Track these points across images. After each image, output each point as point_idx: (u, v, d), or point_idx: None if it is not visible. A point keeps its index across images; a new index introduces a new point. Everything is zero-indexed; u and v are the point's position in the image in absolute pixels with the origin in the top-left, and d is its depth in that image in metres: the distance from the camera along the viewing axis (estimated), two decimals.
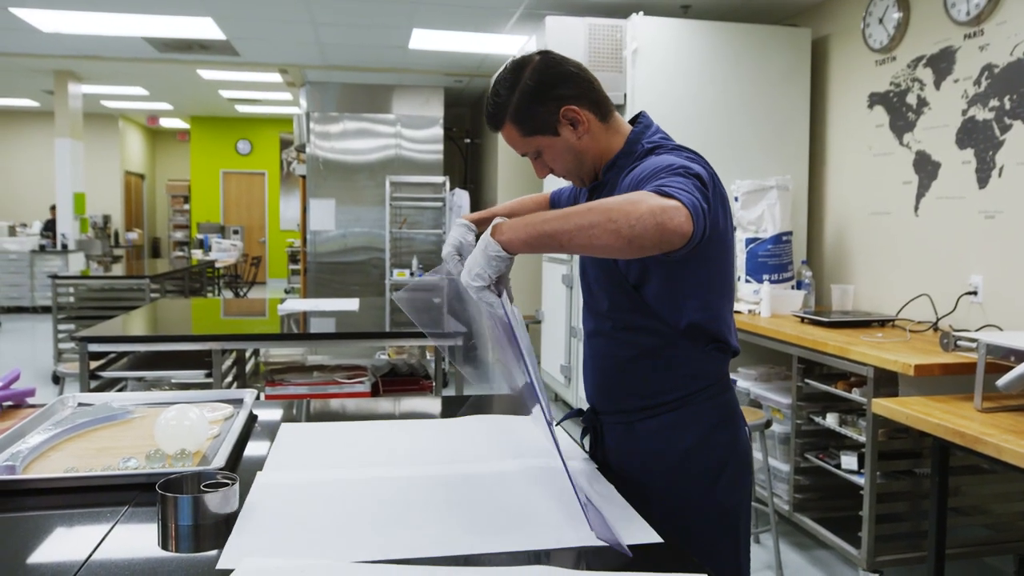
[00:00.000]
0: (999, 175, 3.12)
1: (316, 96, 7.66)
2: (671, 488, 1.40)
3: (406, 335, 3.24)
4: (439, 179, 7.66)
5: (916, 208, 3.56)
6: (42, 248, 10.04)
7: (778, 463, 3.36)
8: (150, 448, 1.42)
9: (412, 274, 6.52)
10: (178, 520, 1.13)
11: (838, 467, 3.00)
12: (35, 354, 7.44)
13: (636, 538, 1.11)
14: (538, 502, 1.25)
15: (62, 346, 5.92)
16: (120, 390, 3.15)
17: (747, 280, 3.80)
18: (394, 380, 3.46)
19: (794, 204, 4.07)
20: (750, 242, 3.81)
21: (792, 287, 3.85)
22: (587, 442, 1.58)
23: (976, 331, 2.83)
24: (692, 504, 1.39)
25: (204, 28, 5.87)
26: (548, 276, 5.21)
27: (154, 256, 14.30)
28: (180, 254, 12.88)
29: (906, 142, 3.63)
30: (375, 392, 3.34)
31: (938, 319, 3.22)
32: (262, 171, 13.92)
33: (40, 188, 12.12)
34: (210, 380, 3.06)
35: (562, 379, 4.88)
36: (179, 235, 14.30)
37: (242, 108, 11.78)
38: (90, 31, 6.08)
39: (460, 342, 2.92)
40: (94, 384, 3.02)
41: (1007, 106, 3.08)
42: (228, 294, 11.13)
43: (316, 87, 7.64)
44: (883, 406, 2.37)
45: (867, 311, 3.71)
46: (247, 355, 3.89)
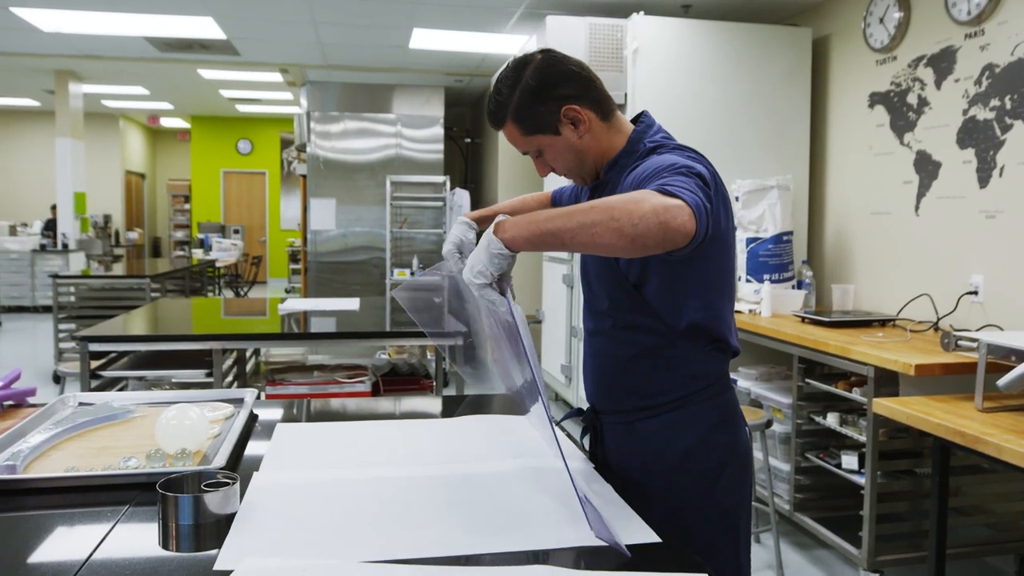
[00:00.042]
0: (1000, 175, 3.12)
1: (317, 96, 7.66)
2: (671, 488, 1.40)
3: (407, 335, 3.24)
4: (439, 179, 7.66)
5: (917, 208, 3.56)
6: (43, 248, 10.05)
7: (779, 463, 3.36)
8: (151, 447, 1.42)
9: (412, 273, 6.52)
10: (179, 520, 1.13)
11: (839, 467, 3.00)
12: (36, 353, 7.45)
13: (634, 538, 1.11)
14: (538, 502, 1.25)
15: (63, 345, 5.92)
16: (121, 389, 3.16)
17: (748, 280, 3.80)
18: (395, 380, 3.47)
19: (795, 204, 4.07)
20: (751, 242, 3.81)
21: (793, 287, 3.85)
22: (587, 442, 1.58)
23: (977, 331, 2.83)
24: (692, 504, 1.39)
25: (205, 28, 5.87)
26: (549, 275, 5.21)
27: (155, 256, 14.31)
28: (181, 254, 12.89)
29: (907, 142, 3.63)
30: (376, 392, 3.34)
31: (939, 319, 3.22)
32: (263, 171, 13.93)
33: (41, 188, 12.12)
34: (211, 380, 3.06)
35: (562, 379, 4.88)
36: (180, 235, 14.30)
37: (243, 108, 11.79)
38: (91, 31, 6.08)
39: (460, 341, 2.93)
40: (95, 383, 3.02)
41: (1008, 106, 3.08)
42: (229, 294, 11.14)
43: (317, 87, 7.65)
44: (884, 406, 2.37)
45: (868, 311, 3.71)
46: (248, 355, 3.90)
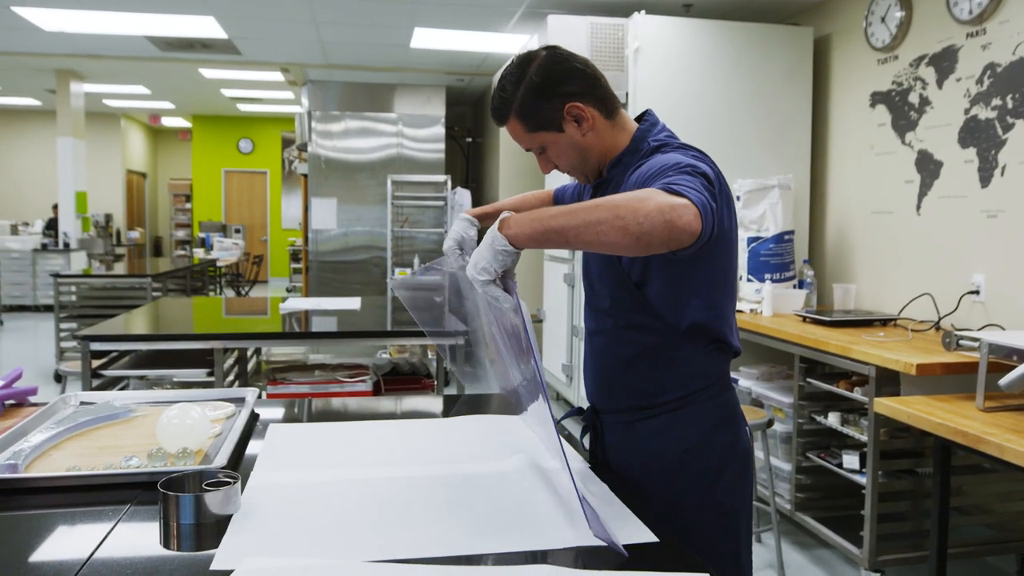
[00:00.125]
0: (1001, 174, 3.12)
1: (318, 95, 7.67)
2: (671, 488, 1.39)
3: (408, 334, 3.24)
4: (441, 178, 7.66)
5: (918, 207, 3.56)
6: (44, 247, 10.05)
7: (780, 462, 3.36)
8: (152, 447, 1.42)
9: (413, 273, 6.51)
10: (180, 519, 1.13)
11: (840, 466, 3.00)
12: (37, 353, 7.45)
13: (632, 538, 1.11)
14: (537, 502, 1.24)
15: (64, 345, 5.92)
16: (122, 389, 3.16)
17: (749, 279, 3.80)
18: (396, 379, 3.47)
19: (796, 203, 4.07)
20: (752, 241, 3.81)
21: (794, 286, 3.85)
22: (587, 441, 1.58)
23: (978, 330, 2.82)
24: (692, 504, 1.39)
25: (206, 27, 5.87)
26: (550, 275, 5.21)
27: (156, 255, 14.30)
28: (182, 253, 12.89)
29: (908, 141, 3.62)
30: (377, 391, 3.34)
31: (940, 318, 3.22)
32: (264, 170, 13.93)
33: (42, 187, 12.12)
34: (212, 379, 3.06)
35: (563, 378, 4.88)
36: (181, 234, 14.30)
37: (244, 107, 11.79)
38: (92, 30, 6.08)
39: (461, 341, 2.93)
40: (96, 383, 3.02)
41: (1009, 105, 3.07)
42: (230, 293, 11.14)
43: (318, 86, 7.65)
44: (885, 405, 2.37)
45: (869, 310, 3.70)
46: (249, 354, 3.90)
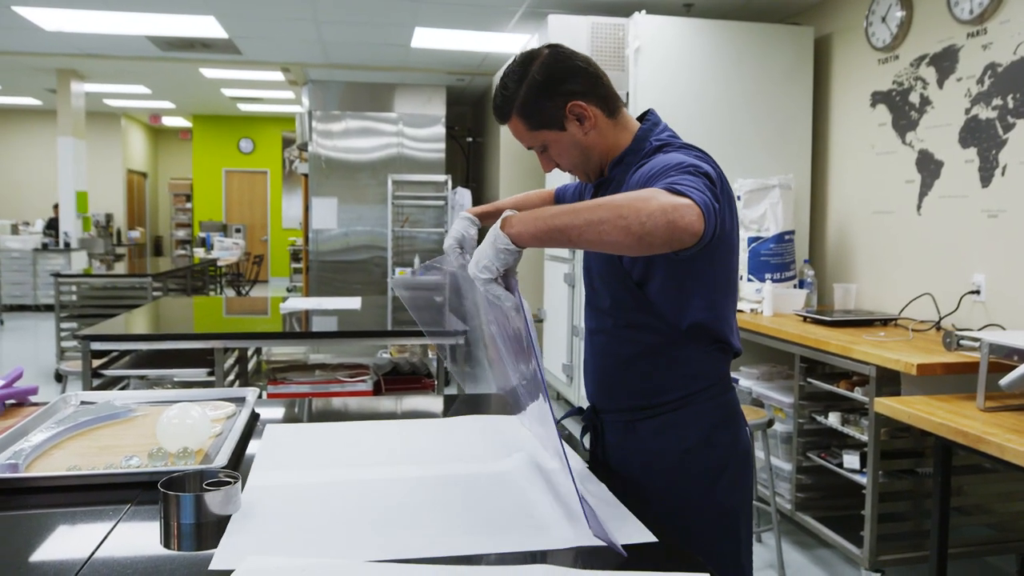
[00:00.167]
0: (1002, 174, 3.12)
1: (318, 95, 7.67)
2: (671, 488, 1.39)
3: (408, 334, 3.24)
4: (441, 178, 7.66)
5: (919, 207, 3.56)
6: (45, 246, 10.05)
7: (780, 462, 3.36)
8: (152, 446, 1.42)
9: (414, 273, 6.51)
10: (180, 518, 1.13)
11: (840, 466, 3.00)
12: (37, 352, 7.45)
13: (631, 537, 1.11)
14: (537, 502, 1.24)
15: (64, 344, 5.92)
16: (122, 388, 3.16)
17: (749, 279, 3.80)
18: (396, 379, 3.47)
19: (796, 203, 4.07)
20: (752, 241, 3.80)
21: (794, 286, 3.85)
22: (587, 440, 1.58)
23: (979, 330, 2.82)
24: (692, 504, 1.39)
25: (207, 27, 5.87)
26: (550, 274, 5.21)
27: (156, 254, 14.30)
28: (182, 252, 12.89)
29: (909, 141, 3.62)
30: (377, 391, 3.34)
31: (941, 318, 3.22)
32: (264, 169, 13.93)
33: (43, 186, 12.13)
34: (212, 379, 3.06)
35: (564, 378, 4.88)
36: (181, 233, 14.30)
37: (244, 107, 11.79)
38: (93, 30, 6.09)
39: (461, 341, 2.93)
40: (96, 382, 3.02)
41: (1010, 105, 3.07)
42: (230, 292, 11.14)
43: (318, 86, 7.65)
44: (885, 405, 2.37)
45: (869, 310, 3.70)
46: (249, 354, 3.90)
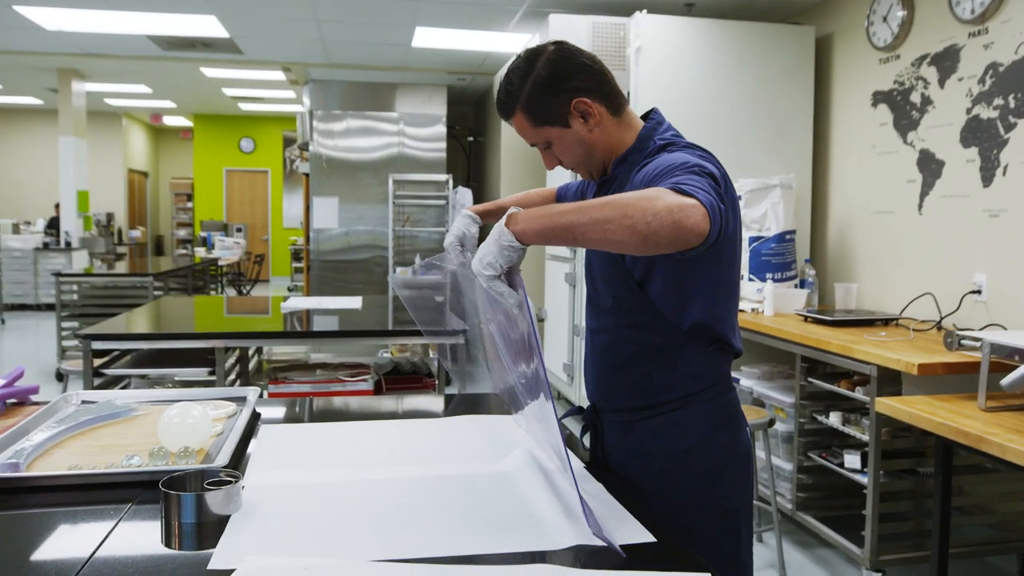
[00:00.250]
0: (1003, 174, 3.12)
1: (319, 94, 7.67)
2: (671, 488, 1.39)
3: (409, 333, 3.24)
4: (442, 177, 7.66)
5: (920, 207, 3.56)
6: (46, 246, 10.05)
7: (781, 462, 3.36)
8: (153, 446, 1.42)
9: (415, 271, 6.51)
10: (181, 518, 1.13)
11: (841, 466, 3.00)
12: (39, 352, 7.46)
13: (631, 538, 1.11)
14: (537, 502, 1.24)
15: (65, 344, 5.93)
16: (123, 388, 3.16)
17: (750, 279, 3.79)
18: (397, 378, 3.47)
19: (797, 202, 4.07)
20: (753, 240, 3.80)
21: (795, 286, 3.84)
22: (587, 440, 1.58)
23: (980, 330, 2.82)
24: (693, 504, 1.39)
25: (208, 26, 5.87)
26: (551, 274, 5.21)
27: (157, 254, 14.31)
28: (183, 252, 12.89)
29: (910, 140, 3.62)
30: (378, 390, 3.34)
31: (942, 318, 3.22)
32: (265, 169, 13.93)
33: (44, 186, 12.13)
34: (213, 378, 3.07)
35: (565, 377, 4.88)
36: (182, 233, 14.30)
37: (245, 106, 11.79)
38: (94, 29, 6.09)
39: (461, 340, 2.93)
40: (97, 382, 3.02)
41: (1012, 104, 3.07)
42: (231, 292, 11.14)
43: (319, 85, 7.65)
44: (886, 405, 2.37)
45: (870, 310, 3.70)
46: (250, 353, 3.90)
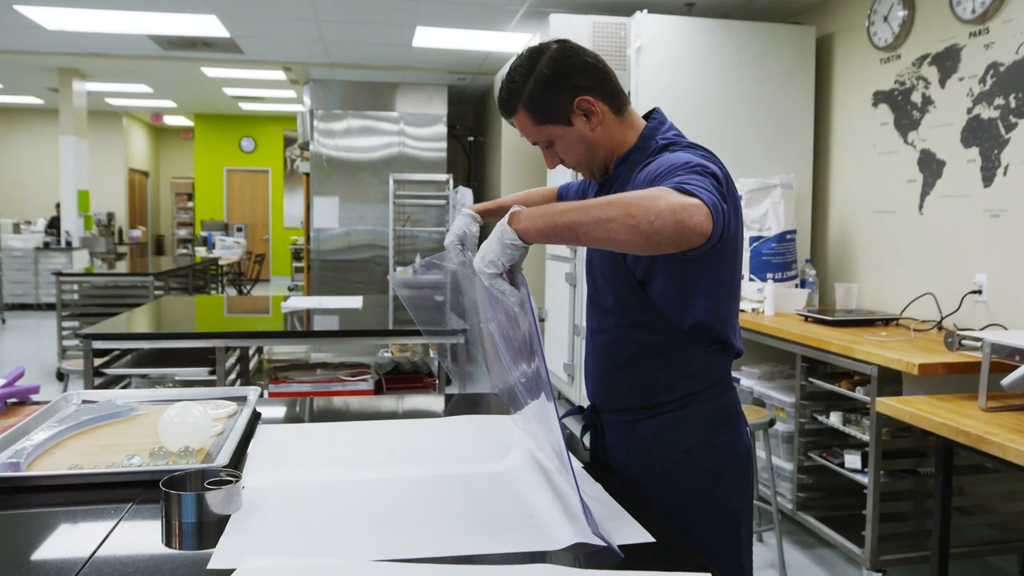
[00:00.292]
0: (1004, 174, 3.11)
1: (320, 94, 7.67)
2: (671, 488, 1.39)
3: (409, 333, 3.24)
4: (443, 177, 7.67)
5: (921, 207, 3.55)
6: (46, 245, 10.05)
7: (781, 462, 3.36)
8: (154, 445, 1.42)
9: (415, 271, 6.51)
10: (182, 517, 1.13)
11: (842, 466, 3.00)
12: (39, 351, 7.46)
13: (630, 538, 1.11)
14: (537, 501, 1.24)
15: (66, 343, 5.93)
16: (124, 387, 3.16)
17: (751, 278, 3.79)
18: (397, 378, 3.47)
19: (798, 202, 4.07)
20: (754, 240, 3.80)
21: (796, 285, 3.84)
22: (587, 439, 1.58)
23: (981, 330, 2.82)
24: (693, 504, 1.39)
25: (208, 26, 5.87)
26: (552, 274, 5.21)
27: (158, 253, 14.31)
28: (184, 251, 12.89)
29: (911, 140, 3.62)
30: (378, 390, 3.34)
31: (942, 318, 3.22)
32: (266, 169, 13.93)
33: (44, 185, 12.13)
34: (214, 377, 3.07)
35: (565, 377, 4.88)
36: (183, 232, 14.30)
37: (246, 106, 11.79)
38: (95, 29, 6.09)
39: (462, 340, 2.93)
40: (98, 381, 3.02)
41: (1012, 104, 3.07)
42: (232, 291, 11.14)
43: (320, 85, 7.65)
44: (887, 405, 2.37)
45: (871, 310, 3.70)
46: (251, 352, 3.90)
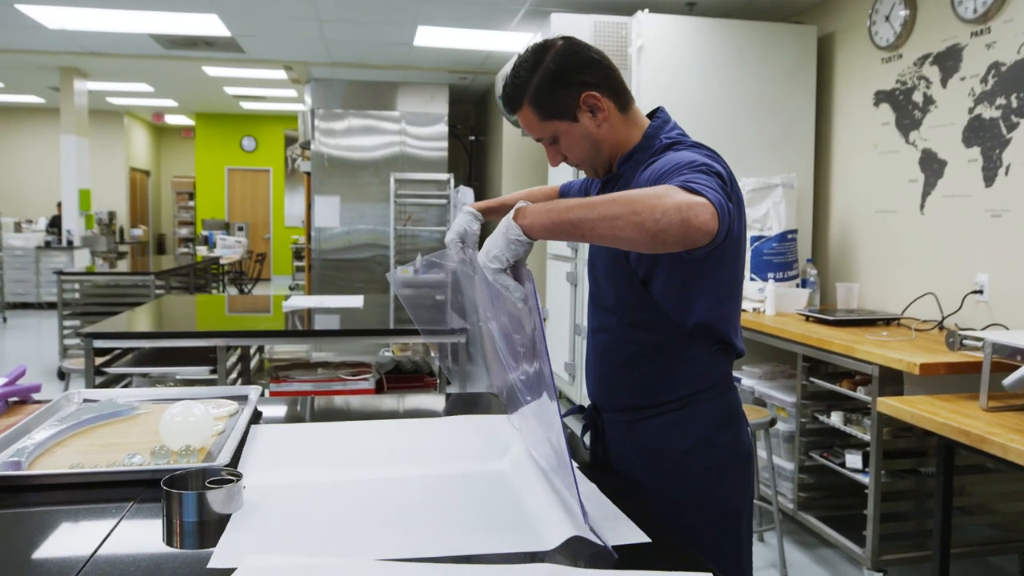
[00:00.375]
0: (1006, 173, 3.11)
1: (321, 93, 7.67)
2: (672, 487, 1.39)
3: (410, 332, 3.24)
4: (443, 176, 7.67)
5: (922, 206, 3.55)
6: (48, 244, 10.06)
7: (782, 461, 3.36)
8: (155, 444, 1.42)
9: (416, 271, 6.51)
10: (183, 516, 1.13)
11: (843, 466, 3.00)
12: (40, 350, 7.47)
13: (625, 538, 1.10)
14: (537, 501, 1.24)
15: (67, 342, 5.93)
16: (125, 386, 3.16)
17: (752, 278, 3.79)
18: (398, 377, 3.47)
19: (799, 202, 4.06)
20: (755, 240, 3.80)
21: (797, 285, 3.84)
22: (588, 439, 1.58)
23: (982, 330, 2.82)
24: (693, 504, 1.38)
25: (209, 25, 5.87)
26: (552, 273, 5.21)
27: (159, 252, 14.31)
28: (185, 250, 12.90)
29: (912, 140, 3.61)
30: (379, 389, 3.34)
31: (944, 318, 3.22)
32: (267, 168, 13.94)
33: (46, 184, 12.14)
34: (215, 376, 3.07)
35: (566, 376, 4.88)
36: (184, 231, 14.31)
37: (247, 105, 11.79)
38: (96, 28, 6.09)
39: (463, 339, 2.93)
40: (99, 380, 3.03)
41: (1014, 104, 3.06)
42: (233, 291, 11.15)
43: (321, 84, 7.65)
44: (888, 405, 2.36)
45: (872, 309, 3.70)
46: (252, 352, 3.90)
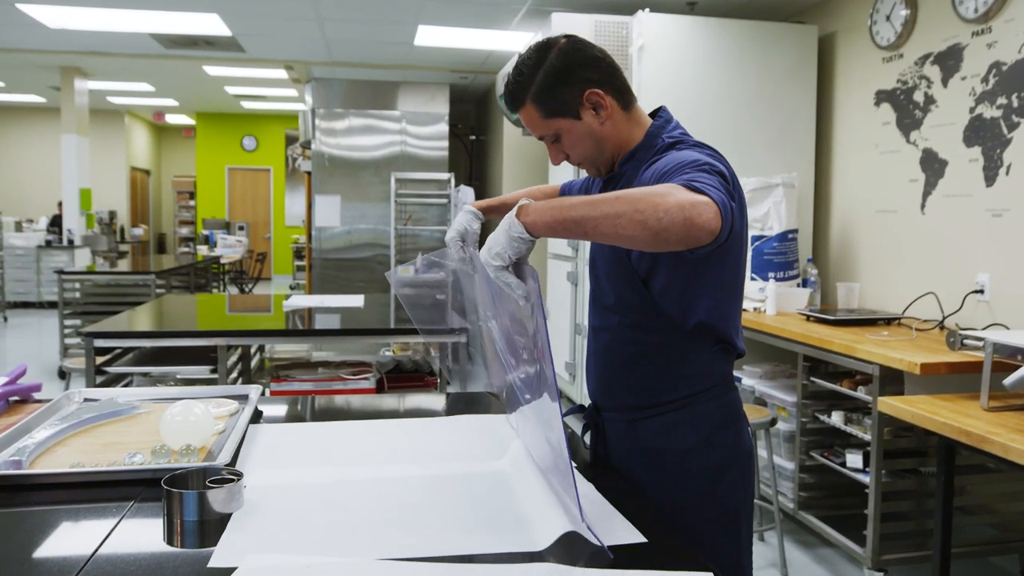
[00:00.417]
0: (1006, 173, 3.11)
1: (321, 92, 7.67)
2: (672, 487, 1.39)
3: (410, 331, 3.24)
4: (444, 175, 7.67)
5: (923, 206, 3.55)
6: (48, 243, 10.06)
7: (783, 461, 3.36)
8: (155, 443, 1.42)
9: (416, 271, 6.52)
10: (183, 516, 1.13)
11: (843, 465, 2.99)
12: (41, 349, 7.47)
13: (621, 538, 1.10)
14: (536, 500, 1.23)
15: (68, 341, 5.93)
16: (126, 385, 3.16)
17: (753, 278, 3.79)
18: (399, 376, 3.47)
19: (800, 202, 4.06)
20: (756, 240, 3.80)
21: (798, 285, 3.84)
22: (588, 438, 1.58)
23: (983, 330, 2.82)
24: (693, 504, 1.38)
25: (210, 24, 5.87)
26: (553, 273, 5.21)
27: (160, 252, 14.32)
28: (186, 250, 12.90)
29: (913, 140, 3.61)
30: (380, 388, 3.34)
31: (944, 317, 3.21)
32: (267, 167, 13.94)
33: (46, 184, 12.14)
34: (215, 376, 3.07)
35: (567, 375, 4.88)
36: (185, 231, 14.32)
37: (248, 104, 11.79)
38: (96, 27, 6.09)
39: (463, 339, 2.93)
40: (100, 379, 3.03)
41: (1015, 104, 3.06)
42: (233, 290, 11.15)
43: (322, 83, 7.65)
44: (889, 404, 2.36)
45: (873, 309, 3.70)
46: (252, 351, 3.90)
